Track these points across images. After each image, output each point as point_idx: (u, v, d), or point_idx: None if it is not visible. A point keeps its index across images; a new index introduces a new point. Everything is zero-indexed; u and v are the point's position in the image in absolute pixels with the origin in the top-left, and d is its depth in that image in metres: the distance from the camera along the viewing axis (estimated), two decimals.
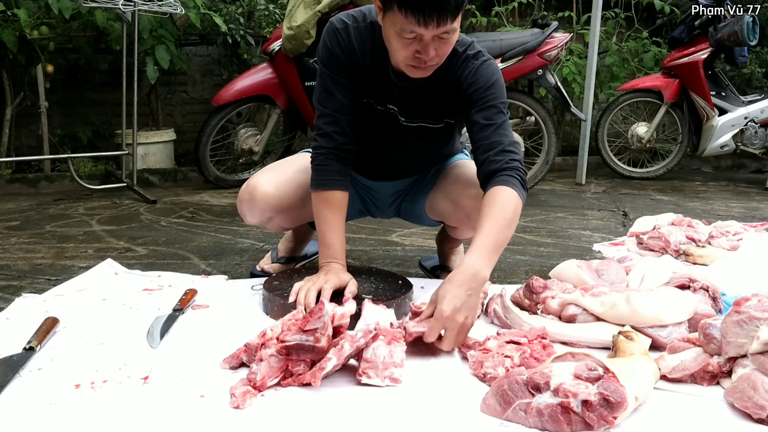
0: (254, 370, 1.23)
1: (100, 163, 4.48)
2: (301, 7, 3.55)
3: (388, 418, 1.14)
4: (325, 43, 1.65)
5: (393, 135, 1.77)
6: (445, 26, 1.42)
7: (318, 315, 1.27)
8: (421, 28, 1.41)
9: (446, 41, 1.48)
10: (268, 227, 1.92)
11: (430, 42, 1.45)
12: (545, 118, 3.83)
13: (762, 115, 4.42)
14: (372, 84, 1.68)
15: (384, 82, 1.67)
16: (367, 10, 1.65)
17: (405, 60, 1.51)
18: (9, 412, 1.13)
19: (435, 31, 1.42)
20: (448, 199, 1.83)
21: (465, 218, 1.80)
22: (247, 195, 1.82)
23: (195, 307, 1.71)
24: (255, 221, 1.87)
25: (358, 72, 1.66)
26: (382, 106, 1.71)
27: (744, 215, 3.28)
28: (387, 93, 1.69)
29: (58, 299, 1.77)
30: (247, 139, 4.11)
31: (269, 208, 1.81)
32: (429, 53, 1.46)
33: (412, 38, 1.45)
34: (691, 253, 2.25)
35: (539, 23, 3.75)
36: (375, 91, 1.69)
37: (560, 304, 1.58)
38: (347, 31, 1.63)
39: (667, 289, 1.57)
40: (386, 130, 1.75)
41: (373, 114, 1.72)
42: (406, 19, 1.40)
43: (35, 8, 3.98)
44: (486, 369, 1.29)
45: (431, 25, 1.40)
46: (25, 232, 2.81)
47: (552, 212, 3.36)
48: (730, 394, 1.18)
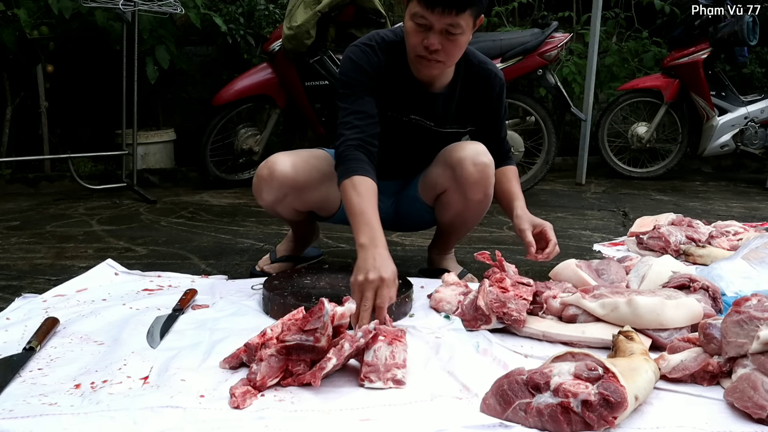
0: (254, 370, 1.23)
1: (100, 163, 4.48)
2: (301, 7, 3.55)
3: (388, 418, 1.14)
4: (350, 58, 1.76)
5: (416, 142, 1.92)
6: (451, 17, 1.58)
7: (318, 315, 1.27)
8: (429, 12, 1.58)
9: (454, 40, 1.63)
10: (278, 210, 1.94)
11: (437, 32, 1.61)
12: (545, 118, 3.83)
13: (762, 115, 4.42)
14: (395, 97, 1.81)
15: (407, 94, 1.82)
16: (382, 33, 1.81)
17: (413, 49, 1.67)
18: (9, 412, 1.13)
19: (441, 19, 1.59)
20: (438, 161, 1.92)
21: (452, 177, 1.85)
22: (266, 171, 1.87)
23: (195, 307, 1.71)
24: (270, 199, 1.89)
25: (382, 86, 1.78)
26: (405, 117, 1.86)
27: (744, 215, 3.28)
28: (410, 104, 1.83)
29: (58, 299, 1.77)
30: (247, 139, 4.11)
31: (287, 184, 1.86)
32: (433, 41, 1.62)
33: (422, 25, 1.62)
34: (691, 253, 2.25)
35: (539, 23, 3.75)
36: (398, 103, 1.83)
37: (561, 304, 1.58)
38: (374, 50, 1.77)
39: (670, 292, 1.56)
40: (409, 138, 1.90)
41: (396, 125, 1.86)
42: (419, 3, 1.59)
43: (35, 8, 3.98)
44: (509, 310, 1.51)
45: (437, 9, 1.57)
46: (25, 232, 2.81)
47: (552, 212, 3.36)
48: (730, 394, 1.18)
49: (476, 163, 1.81)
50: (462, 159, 1.82)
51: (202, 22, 4.23)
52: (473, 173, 1.80)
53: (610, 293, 1.55)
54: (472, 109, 1.90)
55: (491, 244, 2.60)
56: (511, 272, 1.68)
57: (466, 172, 1.81)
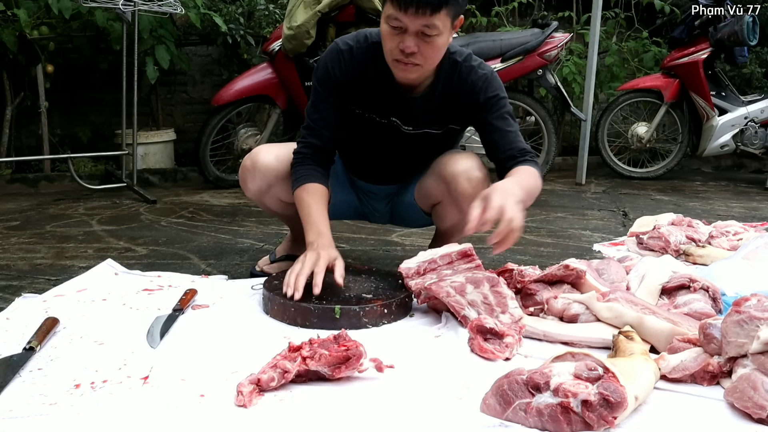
0: (266, 372, 1.22)
1: (100, 163, 4.48)
2: (301, 7, 3.54)
3: (387, 418, 1.14)
4: (324, 62, 1.79)
5: (395, 145, 1.89)
6: (425, 17, 1.54)
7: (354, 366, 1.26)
8: (402, 13, 1.54)
9: (430, 41, 1.60)
10: (266, 201, 1.96)
11: (412, 35, 1.58)
12: (545, 118, 3.83)
13: (762, 115, 4.42)
14: (374, 99, 1.81)
15: (387, 96, 1.79)
16: (368, 31, 1.78)
17: (390, 53, 1.64)
18: (9, 412, 1.13)
19: (416, 21, 1.55)
20: (433, 173, 1.89)
21: (446, 191, 1.84)
22: (249, 162, 1.91)
23: (195, 307, 1.71)
24: (255, 188, 1.92)
25: (360, 89, 1.78)
26: (385, 119, 1.83)
27: (744, 215, 3.28)
28: (389, 106, 1.81)
29: (58, 299, 1.77)
30: (247, 139, 4.11)
31: (270, 174, 1.88)
32: (408, 44, 1.58)
33: (397, 27, 1.58)
34: (691, 253, 2.25)
35: (539, 23, 3.75)
36: (377, 105, 1.81)
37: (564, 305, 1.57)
38: (351, 53, 1.77)
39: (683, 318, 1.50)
40: (389, 141, 1.87)
41: (376, 127, 1.84)
42: (392, 5, 1.56)
43: (35, 8, 3.98)
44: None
45: (410, 10, 1.53)
46: (25, 232, 2.81)
47: (552, 212, 3.36)
48: (730, 394, 1.18)
49: (470, 178, 1.78)
50: (456, 174, 1.79)
51: (202, 22, 4.23)
52: (467, 188, 1.77)
53: (623, 304, 1.51)
54: (456, 110, 1.83)
55: None
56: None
57: (460, 187, 1.79)
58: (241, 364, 1.34)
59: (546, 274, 1.67)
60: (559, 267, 1.67)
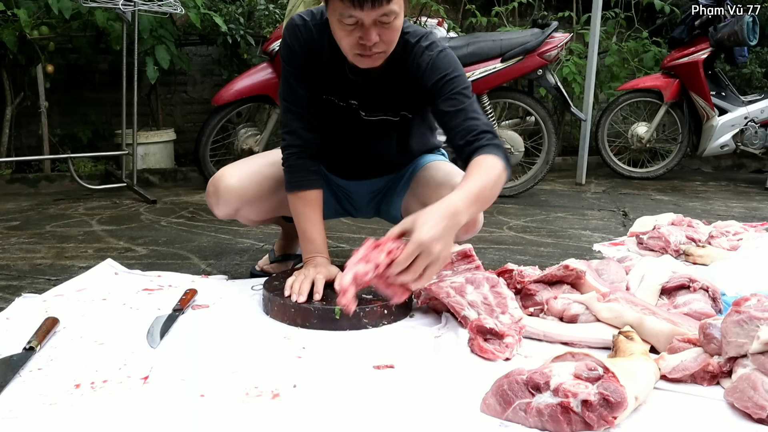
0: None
1: (100, 163, 4.48)
2: (301, 7, 3.54)
3: (387, 418, 1.14)
4: (285, 39, 1.70)
5: (356, 130, 1.79)
6: (382, 7, 1.43)
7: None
8: (357, 10, 1.42)
9: (389, 27, 1.49)
10: (240, 220, 1.92)
11: (371, 27, 1.46)
12: (545, 118, 3.83)
13: (762, 115, 4.42)
14: (331, 80, 1.70)
15: (342, 77, 1.69)
16: (323, 7, 1.64)
17: (351, 48, 1.52)
18: (9, 412, 1.13)
19: (372, 14, 1.43)
20: (419, 202, 1.79)
21: None
22: (212, 188, 1.84)
23: (195, 307, 1.71)
24: (223, 213, 1.87)
25: (317, 68, 1.69)
26: (344, 102, 1.74)
27: (744, 215, 3.28)
28: (346, 88, 1.71)
29: (58, 299, 1.77)
30: (247, 139, 4.11)
31: (234, 200, 1.82)
32: (371, 38, 1.47)
33: (352, 24, 1.47)
34: (691, 253, 2.25)
35: (539, 23, 3.75)
36: (335, 87, 1.72)
37: (564, 306, 1.57)
38: (306, 27, 1.67)
39: (683, 318, 1.51)
40: (349, 126, 1.78)
41: (336, 110, 1.75)
42: (342, 3, 1.42)
43: (35, 8, 3.98)
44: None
45: (366, 5, 1.41)
46: (25, 232, 2.81)
47: (552, 212, 3.36)
48: (730, 394, 1.18)
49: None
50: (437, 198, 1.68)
51: (202, 22, 4.23)
52: None
53: (623, 304, 1.51)
54: (405, 95, 1.70)
55: (491, 244, 2.60)
56: None
57: None
58: (241, 364, 1.34)
59: (546, 274, 1.67)
60: (558, 267, 1.67)
